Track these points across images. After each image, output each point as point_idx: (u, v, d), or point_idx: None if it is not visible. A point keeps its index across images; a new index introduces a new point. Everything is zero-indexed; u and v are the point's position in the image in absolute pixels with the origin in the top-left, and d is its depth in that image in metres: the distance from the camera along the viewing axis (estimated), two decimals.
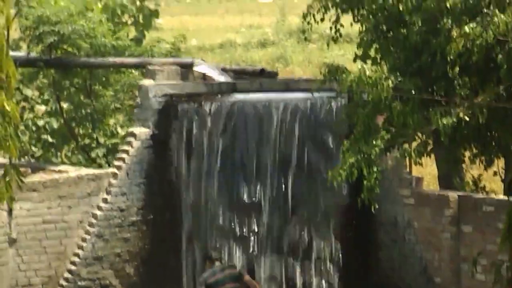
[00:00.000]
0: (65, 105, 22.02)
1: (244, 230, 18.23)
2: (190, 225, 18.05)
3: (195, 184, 18.29)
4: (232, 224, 18.15)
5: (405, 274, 17.08)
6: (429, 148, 15.20)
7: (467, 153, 15.92)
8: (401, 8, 15.05)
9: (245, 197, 18.49)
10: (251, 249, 18.20)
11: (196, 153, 18.51)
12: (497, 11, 13.43)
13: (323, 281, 17.76)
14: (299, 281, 17.82)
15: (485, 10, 14.05)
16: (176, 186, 18.33)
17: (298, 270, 18.06)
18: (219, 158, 18.03)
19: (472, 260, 13.90)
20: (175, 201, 18.13)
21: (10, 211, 15.38)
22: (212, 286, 13.56)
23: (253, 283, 14.57)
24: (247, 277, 14.64)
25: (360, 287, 17.89)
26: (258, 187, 18.36)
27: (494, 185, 19.48)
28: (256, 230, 17.97)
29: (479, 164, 16.49)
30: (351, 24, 18.11)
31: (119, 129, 22.53)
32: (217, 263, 14.32)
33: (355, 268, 17.75)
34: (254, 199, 18.37)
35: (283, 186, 18.25)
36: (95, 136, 22.00)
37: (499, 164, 16.48)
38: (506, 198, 14.32)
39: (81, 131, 22.58)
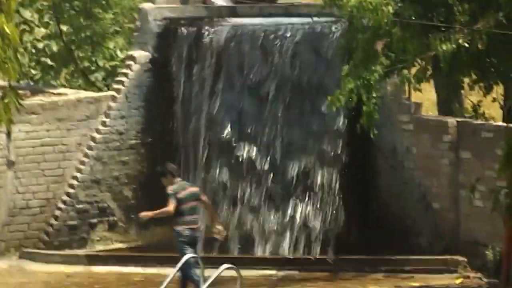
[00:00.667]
0: (64, 28, 22.10)
1: (244, 151, 18.58)
2: (188, 148, 18.39)
3: (195, 108, 18.53)
4: (234, 143, 18.47)
5: (404, 201, 17.45)
6: (428, 74, 14.70)
7: (466, 80, 15.32)
8: None
9: (247, 118, 18.88)
10: (244, 173, 18.58)
11: (196, 76, 18.78)
12: None
13: (324, 210, 18.08)
14: (300, 210, 18.16)
15: None
16: (175, 110, 18.48)
17: (297, 198, 18.40)
18: (221, 80, 18.39)
19: (470, 186, 13.98)
20: (174, 124, 18.35)
21: (8, 134, 15.53)
22: (180, 201, 13.53)
23: (208, 204, 14.73)
24: (204, 197, 14.63)
25: (360, 215, 18.37)
26: (259, 108, 18.77)
27: (493, 112, 19.66)
28: (253, 153, 18.30)
29: (478, 91, 16.22)
30: None
31: (118, 53, 22.44)
32: (178, 179, 14.26)
33: (355, 196, 18.18)
34: (253, 125, 18.57)
35: (282, 106, 18.52)
36: (94, 59, 22.19)
37: (498, 90, 16.49)
38: (504, 124, 14.69)
39: (80, 54, 22.72)
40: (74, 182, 16.79)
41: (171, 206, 13.44)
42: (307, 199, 18.53)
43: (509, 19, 13.67)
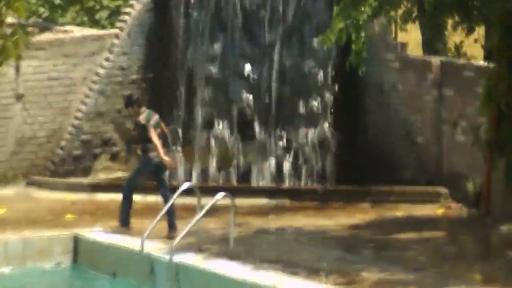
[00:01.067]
0: None
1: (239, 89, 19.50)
2: (186, 83, 19.24)
3: (195, 45, 19.37)
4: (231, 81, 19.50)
5: (389, 137, 18.40)
6: (413, 15, 15.84)
7: (450, 21, 16.31)
8: None
9: (247, 48, 19.93)
10: (238, 109, 19.69)
11: (194, 18, 19.69)
12: None
13: (315, 141, 19.00)
14: (291, 141, 19.08)
15: None
16: (175, 47, 19.42)
17: (287, 131, 19.35)
18: (218, 23, 19.22)
19: (452, 122, 15.23)
20: (174, 60, 19.25)
21: (17, 68, 16.35)
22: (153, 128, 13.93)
23: (166, 132, 15.03)
24: (163, 124, 15.07)
25: (349, 152, 19.10)
26: (257, 50, 19.67)
27: (475, 51, 20.51)
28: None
29: (461, 32, 16.68)
30: None
31: None
32: (144, 107, 14.75)
33: (344, 133, 18.97)
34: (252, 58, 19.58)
35: (278, 47, 19.37)
36: None
37: (480, 32, 17.16)
38: (485, 64, 15.26)
39: None
40: (79, 115, 17.68)
41: (155, 134, 14.05)
42: (299, 129, 19.51)
43: None
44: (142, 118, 14.19)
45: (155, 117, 14.33)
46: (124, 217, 14.52)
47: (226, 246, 12.95)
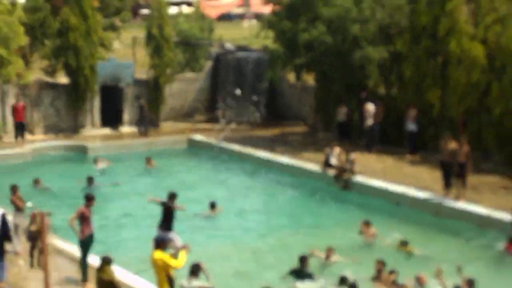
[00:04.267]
0: None
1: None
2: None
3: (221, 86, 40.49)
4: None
5: (290, 108, 38.84)
6: None
7: None
8: None
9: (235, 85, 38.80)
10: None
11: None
12: None
13: None
14: None
15: None
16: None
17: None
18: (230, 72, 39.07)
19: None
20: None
21: None
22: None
23: None
24: None
25: (270, 112, 38.46)
26: (239, 82, 38.86)
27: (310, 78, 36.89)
28: None
29: None
30: None
31: None
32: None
33: (269, 106, 38.57)
34: None
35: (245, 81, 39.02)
36: None
37: None
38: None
39: None
40: None
41: None
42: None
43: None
44: None
45: None
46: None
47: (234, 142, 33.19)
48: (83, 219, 16.57)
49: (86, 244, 16.72)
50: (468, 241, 21.06)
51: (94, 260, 16.36)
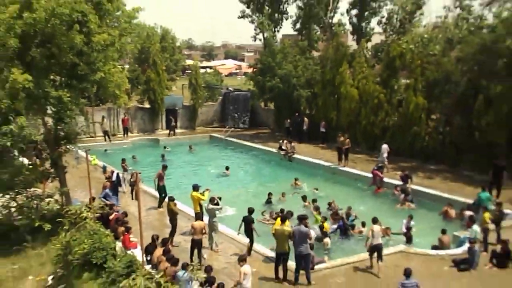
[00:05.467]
0: None
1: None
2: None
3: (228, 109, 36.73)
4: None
5: (268, 118, 36.71)
6: None
7: None
8: None
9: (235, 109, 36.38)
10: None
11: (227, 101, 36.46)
12: None
13: None
14: None
15: None
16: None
17: None
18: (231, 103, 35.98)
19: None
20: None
21: None
22: None
23: None
24: None
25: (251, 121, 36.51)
26: (235, 107, 35.76)
27: None
28: None
29: None
30: None
31: None
32: None
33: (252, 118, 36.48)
34: None
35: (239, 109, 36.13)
36: None
37: None
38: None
39: None
40: None
41: None
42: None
43: None
44: None
45: None
46: None
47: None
48: (160, 177, 17.55)
49: (161, 189, 17.55)
50: (348, 186, 21.66)
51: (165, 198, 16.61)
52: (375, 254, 12.11)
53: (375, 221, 12.61)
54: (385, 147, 22.00)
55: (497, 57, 19.16)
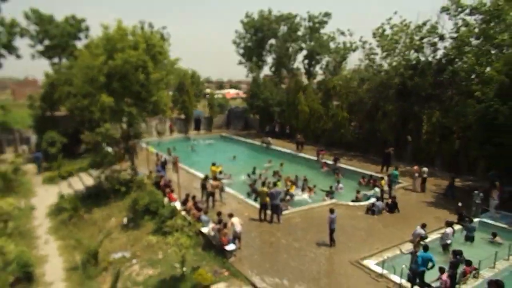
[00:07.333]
0: None
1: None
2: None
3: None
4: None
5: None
6: None
7: None
8: None
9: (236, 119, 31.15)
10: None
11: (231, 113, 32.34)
12: None
13: None
14: None
15: None
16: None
17: None
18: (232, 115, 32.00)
19: None
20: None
21: None
22: None
23: None
24: None
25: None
26: (238, 119, 31.59)
27: None
28: None
29: None
30: None
31: None
32: None
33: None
34: None
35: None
36: None
37: None
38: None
39: None
40: None
41: None
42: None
43: None
44: None
45: None
46: None
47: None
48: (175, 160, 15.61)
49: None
50: (302, 165, 21.15)
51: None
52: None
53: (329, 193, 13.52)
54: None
55: (389, 89, 20.20)
